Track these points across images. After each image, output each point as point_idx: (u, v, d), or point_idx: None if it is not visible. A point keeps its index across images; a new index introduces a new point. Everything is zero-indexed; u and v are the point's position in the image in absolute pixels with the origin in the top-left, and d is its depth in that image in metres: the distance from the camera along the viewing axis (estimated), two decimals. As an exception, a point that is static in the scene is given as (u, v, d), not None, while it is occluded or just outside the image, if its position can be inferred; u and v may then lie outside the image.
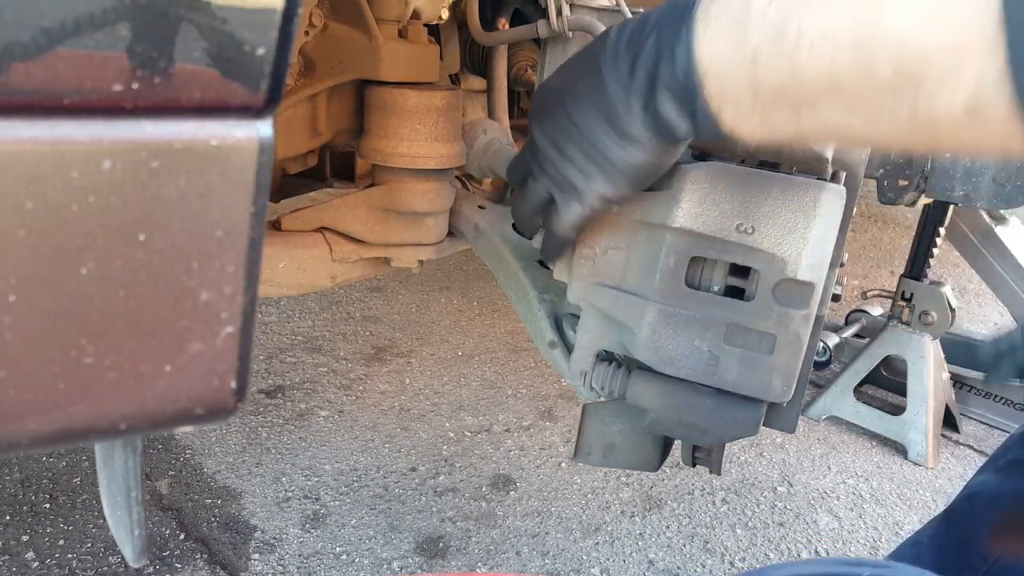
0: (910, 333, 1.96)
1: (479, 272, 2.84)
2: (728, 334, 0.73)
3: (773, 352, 0.72)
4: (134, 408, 0.49)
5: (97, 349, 0.46)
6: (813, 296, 0.71)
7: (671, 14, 0.59)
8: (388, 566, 1.45)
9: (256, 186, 0.47)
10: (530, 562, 1.50)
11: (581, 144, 0.66)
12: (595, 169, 0.66)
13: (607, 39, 0.64)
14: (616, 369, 0.84)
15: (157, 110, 0.44)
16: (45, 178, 0.41)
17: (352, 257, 1.33)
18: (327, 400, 1.99)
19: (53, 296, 0.44)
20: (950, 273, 3.21)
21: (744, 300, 0.73)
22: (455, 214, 1.37)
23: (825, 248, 0.71)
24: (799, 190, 0.71)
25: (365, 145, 1.28)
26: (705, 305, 0.74)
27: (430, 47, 1.26)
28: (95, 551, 1.42)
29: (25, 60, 0.40)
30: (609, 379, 0.84)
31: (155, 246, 0.45)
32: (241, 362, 0.51)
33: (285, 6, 0.44)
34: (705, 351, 0.74)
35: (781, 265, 0.71)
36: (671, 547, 1.57)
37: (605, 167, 0.65)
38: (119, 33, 0.41)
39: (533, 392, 2.10)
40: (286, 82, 0.47)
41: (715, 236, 0.72)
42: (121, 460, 0.58)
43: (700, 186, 0.73)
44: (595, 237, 0.82)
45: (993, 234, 2.10)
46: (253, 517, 1.55)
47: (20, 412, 0.45)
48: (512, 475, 1.75)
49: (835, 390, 2.06)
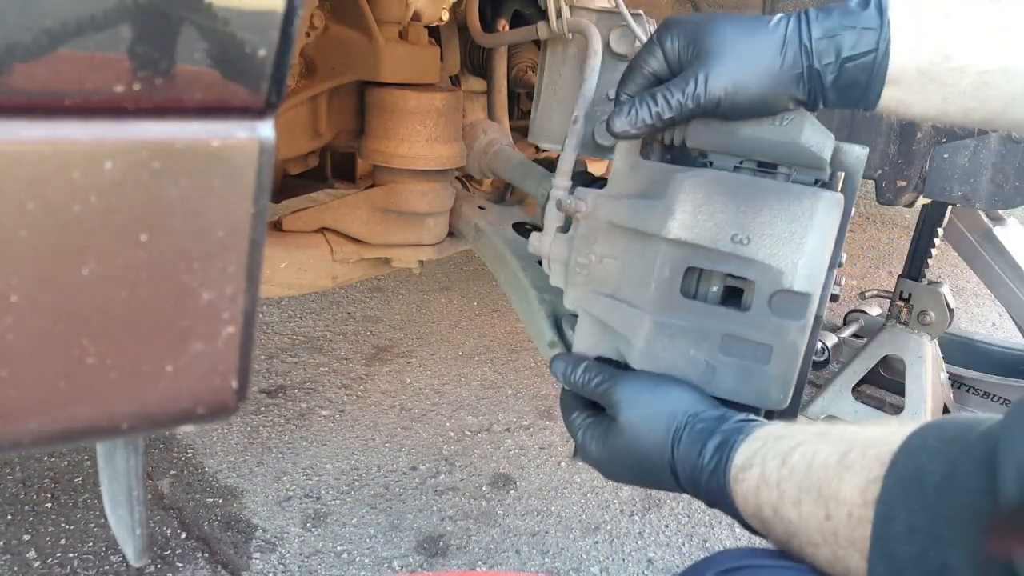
0: (908, 333, 1.96)
1: (479, 272, 2.84)
2: (724, 345, 0.73)
3: (770, 362, 0.72)
4: (136, 408, 0.49)
5: (99, 349, 0.46)
6: (809, 306, 0.71)
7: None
8: (388, 565, 1.46)
9: (257, 187, 0.47)
10: (530, 561, 1.50)
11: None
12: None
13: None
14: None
15: (159, 111, 0.44)
16: (47, 179, 0.41)
17: (353, 257, 1.33)
18: (328, 400, 1.99)
19: (55, 296, 0.44)
20: (948, 273, 3.21)
21: (740, 310, 0.73)
22: (455, 214, 1.37)
23: (822, 258, 0.71)
24: (795, 199, 0.71)
25: (366, 146, 1.28)
26: (700, 315, 0.74)
27: (430, 48, 1.26)
28: (96, 550, 1.42)
29: (27, 61, 0.40)
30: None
31: (156, 246, 0.45)
32: (242, 362, 0.51)
33: (286, 8, 0.45)
34: (701, 361, 0.74)
35: (777, 276, 0.70)
36: (670, 546, 1.58)
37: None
38: (121, 34, 0.41)
39: (533, 392, 2.11)
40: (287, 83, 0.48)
41: (710, 247, 0.72)
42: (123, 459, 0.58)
43: (695, 196, 0.72)
44: (591, 245, 0.81)
45: (991, 235, 2.10)
46: (254, 516, 1.56)
47: (23, 412, 0.45)
48: (512, 474, 1.75)
49: (833, 390, 2.06)
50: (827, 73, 0.69)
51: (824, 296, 0.76)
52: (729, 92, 0.70)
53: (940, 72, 0.67)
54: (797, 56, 0.69)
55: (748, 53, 0.70)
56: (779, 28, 0.70)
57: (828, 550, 0.55)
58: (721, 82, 0.70)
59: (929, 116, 0.71)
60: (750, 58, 0.70)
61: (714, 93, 0.71)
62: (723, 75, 0.70)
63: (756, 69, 0.70)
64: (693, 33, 0.73)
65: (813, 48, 0.68)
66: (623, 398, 0.73)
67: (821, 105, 0.72)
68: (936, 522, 0.46)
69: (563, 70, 1.09)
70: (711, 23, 0.72)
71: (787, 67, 0.69)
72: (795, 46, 0.69)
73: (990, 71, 0.66)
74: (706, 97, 0.71)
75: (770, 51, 0.69)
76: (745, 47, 0.70)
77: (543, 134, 1.13)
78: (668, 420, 0.71)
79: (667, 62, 0.75)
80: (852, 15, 0.68)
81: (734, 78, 0.70)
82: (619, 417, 0.73)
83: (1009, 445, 0.44)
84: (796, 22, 0.69)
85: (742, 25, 0.71)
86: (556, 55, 1.09)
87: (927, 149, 1.46)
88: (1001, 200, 1.46)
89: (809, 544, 0.56)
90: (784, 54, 0.69)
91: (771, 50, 0.69)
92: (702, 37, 0.72)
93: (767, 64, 0.69)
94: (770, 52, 0.69)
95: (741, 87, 0.70)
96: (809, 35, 0.68)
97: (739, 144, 0.75)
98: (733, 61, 0.70)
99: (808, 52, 0.68)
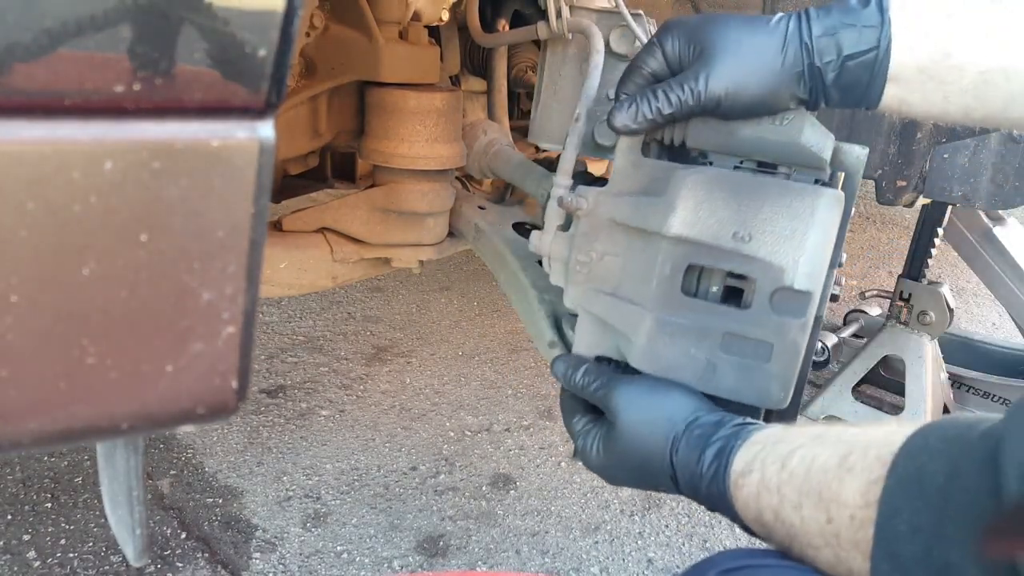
0: (908, 333, 1.96)
1: (479, 272, 2.84)
2: (725, 343, 0.73)
3: (770, 360, 0.72)
4: (136, 408, 0.49)
5: (99, 349, 0.46)
6: (810, 304, 0.71)
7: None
8: (388, 565, 1.46)
9: (257, 187, 0.47)
10: (530, 561, 1.50)
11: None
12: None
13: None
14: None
15: (159, 111, 0.44)
16: (47, 179, 0.41)
17: (353, 257, 1.33)
18: (328, 400, 1.99)
19: (55, 296, 0.44)
20: (948, 273, 3.21)
21: (741, 308, 0.73)
22: (455, 214, 1.37)
23: (823, 256, 0.71)
24: (796, 197, 0.71)
25: (366, 146, 1.28)
26: (701, 313, 0.73)
27: (430, 48, 1.26)
28: (96, 550, 1.42)
29: (27, 61, 0.40)
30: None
31: (157, 246, 0.45)
32: (242, 362, 0.51)
33: (286, 8, 0.45)
34: (702, 359, 0.74)
35: (778, 273, 0.70)
36: (670, 546, 1.58)
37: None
38: (121, 34, 0.41)
39: (533, 392, 2.11)
40: (287, 83, 0.48)
41: (711, 244, 0.72)
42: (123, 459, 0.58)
43: (696, 193, 0.72)
44: (592, 243, 0.81)
45: (991, 234, 2.10)
46: (254, 516, 1.56)
47: (23, 412, 0.45)
48: (512, 474, 1.76)
49: (833, 390, 2.06)
50: (828, 71, 0.69)
51: (824, 295, 0.76)
52: (730, 91, 0.70)
53: (940, 70, 0.67)
54: (798, 54, 0.69)
55: (749, 52, 0.70)
56: (780, 27, 0.70)
57: (830, 552, 0.55)
58: (722, 81, 0.70)
59: (931, 115, 0.72)
60: (751, 57, 0.70)
61: (715, 92, 0.71)
62: (724, 74, 0.70)
63: (757, 68, 0.70)
64: (694, 33, 0.73)
65: (814, 46, 0.68)
66: (621, 403, 0.73)
67: (823, 104, 0.72)
68: (940, 522, 0.46)
69: (563, 70, 1.09)
70: (712, 23, 0.72)
71: (788, 65, 0.69)
72: (796, 44, 0.69)
73: (990, 70, 0.66)
74: (707, 95, 0.71)
75: (771, 50, 0.69)
76: (746, 46, 0.70)
77: (543, 134, 1.13)
78: (666, 426, 0.71)
79: (667, 63, 0.75)
80: (853, 13, 0.68)
81: (735, 77, 0.70)
82: (617, 422, 0.73)
83: (1011, 444, 0.44)
84: (797, 21, 0.70)
85: (743, 24, 0.71)
86: (556, 55, 1.09)
87: (927, 149, 1.46)
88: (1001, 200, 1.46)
89: (810, 547, 0.56)
90: (785, 52, 0.69)
91: (772, 49, 0.69)
92: (703, 37, 0.72)
93: (768, 63, 0.70)
94: (771, 51, 0.69)
95: (742, 86, 0.70)
96: (810, 33, 0.68)
97: (739, 144, 0.75)
98: (734, 60, 0.70)
99: (809, 50, 0.68)
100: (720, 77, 0.70)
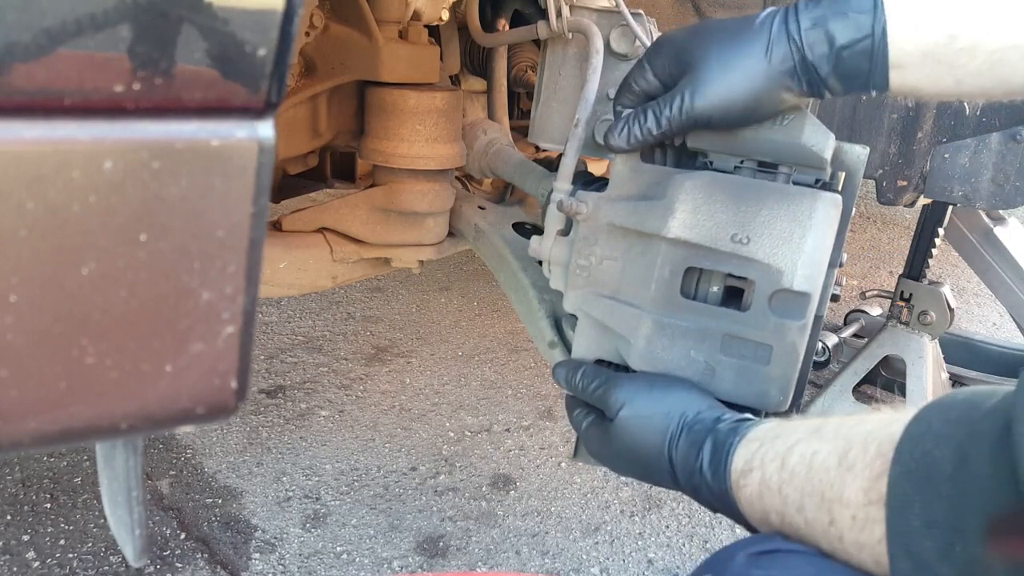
0: (909, 333, 1.96)
1: (479, 272, 2.84)
2: (724, 345, 0.73)
3: (770, 362, 0.72)
4: (135, 408, 0.49)
5: (98, 349, 0.46)
6: (809, 306, 0.71)
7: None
8: (388, 565, 1.46)
9: (257, 186, 0.47)
10: (530, 561, 1.50)
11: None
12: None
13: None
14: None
15: (158, 111, 0.44)
16: (47, 178, 0.41)
17: (353, 257, 1.33)
18: (328, 400, 1.99)
19: (54, 296, 0.44)
20: (949, 273, 3.21)
21: (740, 310, 0.73)
22: (455, 214, 1.37)
23: (821, 258, 0.71)
24: (794, 200, 0.71)
25: (365, 146, 1.28)
26: (701, 316, 0.74)
27: (430, 48, 1.26)
28: (96, 551, 1.42)
29: (27, 61, 0.40)
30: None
31: (156, 246, 0.45)
32: (242, 362, 0.51)
33: (286, 7, 0.44)
34: (701, 362, 0.74)
35: (776, 276, 0.70)
36: (670, 546, 1.57)
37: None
38: (120, 34, 0.41)
39: (533, 392, 2.11)
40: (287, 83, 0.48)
41: (710, 246, 0.72)
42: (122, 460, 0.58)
43: (695, 196, 0.73)
44: (591, 247, 0.81)
45: (992, 235, 2.10)
46: (254, 517, 1.55)
47: (22, 412, 0.45)
48: (512, 475, 1.75)
49: (834, 390, 2.06)
50: (823, 64, 0.67)
51: (824, 296, 0.76)
52: (718, 105, 0.70)
53: (947, 54, 0.66)
54: (786, 51, 0.68)
55: (733, 60, 0.69)
56: (764, 26, 0.69)
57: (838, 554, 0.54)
58: (708, 98, 0.70)
59: (945, 96, 0.70)
60: (735, 65, 0.69)
61: (702, 109, 0.70)
62: (710, 91, 0.70)
63: (743, 76, 0.69)
64: (680, 50, 0.73)
65: (803, 40, 0.67)
66: (619, 400, 0.73)
67: (828, 94, 0.71)
68: (957, 515, 0.45)
69: (563, 69, 1.09)
70: (696, 37, 0.72)
71: (776, 64, 0.68)
72: (783, 41, 0.68)
73: (1002, 49, 0.64)
74: (695, 113, 0.71)
75: (755, 52, 0.68)
76: (729, 55, 0.69)
77: (543, 134, 1.13)
78: (664, 422, 0.70)
79: (658, 80, 0.75)
80: (842, 1, 0.67)
81: (720, 91, 0.70)
82: (616, 419, 0.73)
83: (1023, 428, 0.42)
84: (783, 16, 0.68)
85: (726, 32, 0.70)
86: (556, 55, 1.09)
87: (928, 149, 1.46)
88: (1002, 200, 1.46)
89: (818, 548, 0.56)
90: (770, 53, 0.68)
91: (756, 51, 0.68)
92: (687, 53, 0.72)
93: (754, 67, 0.69)
94: (755, 54, 0.68)
95: (730, 98, 0.70)
96: (797, 27, 0.67)
97: (739, 144, 0.75)
98: (719, 74, 0.69)
99: (798, 44, 0.67)
100: (705, 94, 0.70)
